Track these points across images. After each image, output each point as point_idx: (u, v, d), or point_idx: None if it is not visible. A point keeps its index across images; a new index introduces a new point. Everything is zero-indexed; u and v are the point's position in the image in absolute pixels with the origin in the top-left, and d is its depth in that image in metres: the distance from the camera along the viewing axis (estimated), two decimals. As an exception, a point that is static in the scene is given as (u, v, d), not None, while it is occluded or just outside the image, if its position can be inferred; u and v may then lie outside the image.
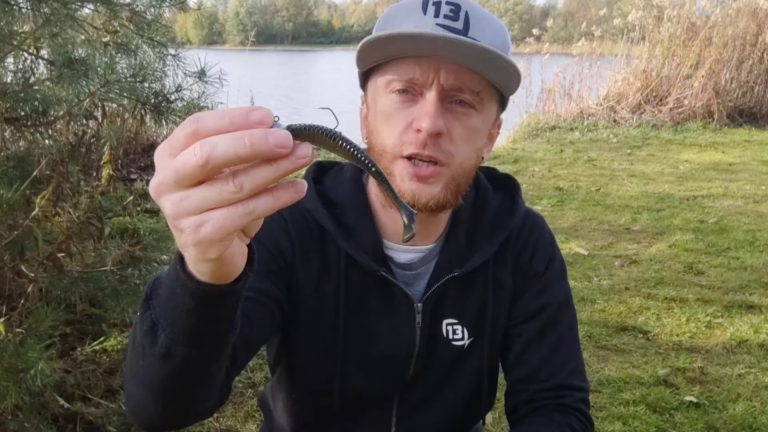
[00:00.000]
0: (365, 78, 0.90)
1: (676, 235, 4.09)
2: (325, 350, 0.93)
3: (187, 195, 0.46)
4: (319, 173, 0.99)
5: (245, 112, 0.44)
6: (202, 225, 0.46)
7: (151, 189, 0.47)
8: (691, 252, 3.80)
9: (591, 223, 4.39)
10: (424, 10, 0.82)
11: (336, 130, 0.47)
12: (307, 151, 0.46)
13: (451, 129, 0.82)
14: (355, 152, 0.48)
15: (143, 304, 0.63)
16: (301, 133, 0.46)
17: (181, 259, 0.55)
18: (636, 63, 8.84)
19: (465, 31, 0.80)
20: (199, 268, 0.53)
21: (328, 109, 0.54)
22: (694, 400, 2.31)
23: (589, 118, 8.65)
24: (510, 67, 0.80)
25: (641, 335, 2.81)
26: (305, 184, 0.48)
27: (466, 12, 0.81)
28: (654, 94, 8.67)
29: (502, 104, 0.90)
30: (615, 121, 8.51)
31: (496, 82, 0.84)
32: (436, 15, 0.81)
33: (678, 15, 8.55)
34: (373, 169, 0.49)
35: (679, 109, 8.43)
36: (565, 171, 5.98)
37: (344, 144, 0.47)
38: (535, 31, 10.10)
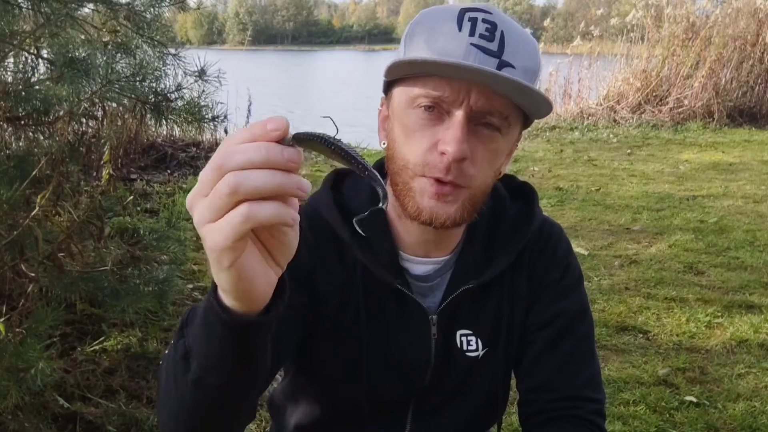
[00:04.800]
0: (389, 84, 0.88)
1: (676, 235, 4.09)
2: (350, 360, 0.93)
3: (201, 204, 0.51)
4: (336, 182, 0.98)
5: (263, 123, 0.49)
6: (210, 231, 0.50)
7: (195, 224, 0.52)
8: (691, 252, 3.80)
9: (591, 223, 4.39)
10: (459, 26, 0.79)
11: (335, 137, 0.51)
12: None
13: (475, 152, 0.81)
14: (351, 158, 0.51)
15: (178, 332, 0.65)
16: (304, 140, 0.50)
17: (215, 288, 0.57)
18: (636, 63, 8.84)
19: (500, 52, 0.78)
20: (219, 281, 0.54)
21: (329, 117, 0.59)
22: (694, 400, 2.31)
23: (589, 118, 8.65)
24: (541, 99, 0.79)
25: (641, 335, 2.81)
26: (308, 183, 0.50)
27: (502, 32, 0.79)
28: (654, 94, 8.67)
29: (526, 124, 0.88)
30: (615, 121, 8.50)
31: (526, 109, 0.83)
32: (472, 33, 0.78)
33: (675, 15, 8.54)
34: (366, 173, 0.52)
35: (679, 109, 8.43)
36: (565, 171, 5.98)
37: (340, 150, 0.51)
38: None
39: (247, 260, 0.52)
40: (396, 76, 0.85)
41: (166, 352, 0.70)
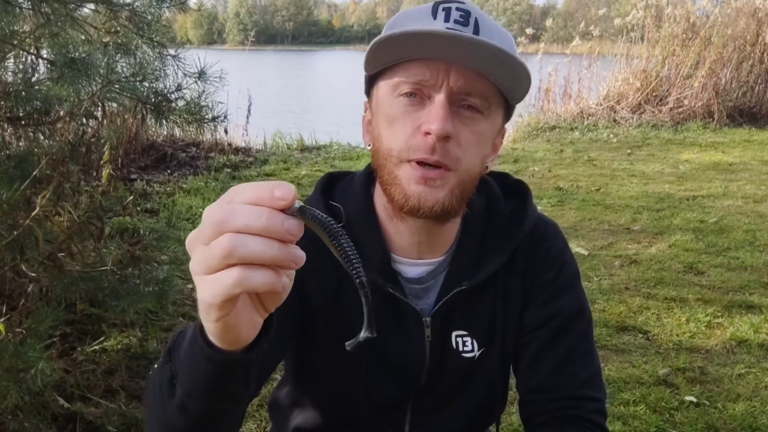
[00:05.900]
0: (370, 83, 0.89)
1: (676, 235, 4.09)
2: (348, 361, 0.92)
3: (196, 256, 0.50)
4: (328, 186, 0.97)
5: (271, 188, 0.48)
6: (201, 284, 0.50)
7: (190, 269, 0.51)
8: (691, 252, 3.80)
9: (591, 223, 4.39)
10: (434, 15, 0.81)
11: (340, 229, 0.50)
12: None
13: (459, 133, 0.81)
14: (348, 260, 0.51)
15: (166, 355, 0.66)
16: (308, 217, 0.49)
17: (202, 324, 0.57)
18: (636, 63, 8.84)
19: (475, 35, 0.79)
20: (206, 327, 0.55)
21: (338, 206, 0.62)
22: (694, 400, 2.31)
23: (589, 118, 8.65)
24: (522, 71, 0.79)
25: (641, 335, 2.81)
26: (303, 255, 0.50)
27: (476, 18, 0.81)
28: (654, 94, 8.67)
29: (507, 113, 0.88)
30: (615, 121, 8.50)
31: (505, 87, 0.83)
32: (446, 20, 0.80)
33: (675, 15, 8.54)
34: (359, 280, 0.52)
35: (679, 109, 8.43)
36: (565, 171, 5.98)
37: (340, 246, 0.50)
38: (528, 31, 10.00)
39: (234, 314, 0.52)
40: (376, 66, 0.85)
41: (155, 366, 0.70)
